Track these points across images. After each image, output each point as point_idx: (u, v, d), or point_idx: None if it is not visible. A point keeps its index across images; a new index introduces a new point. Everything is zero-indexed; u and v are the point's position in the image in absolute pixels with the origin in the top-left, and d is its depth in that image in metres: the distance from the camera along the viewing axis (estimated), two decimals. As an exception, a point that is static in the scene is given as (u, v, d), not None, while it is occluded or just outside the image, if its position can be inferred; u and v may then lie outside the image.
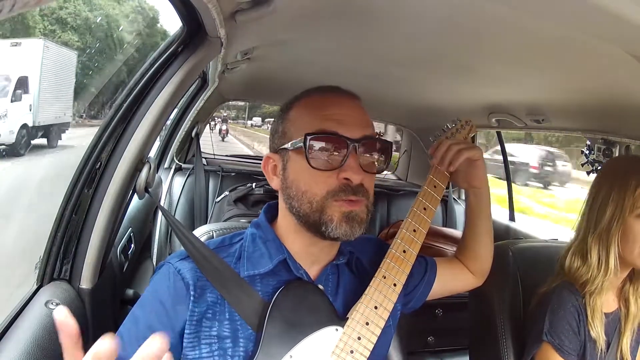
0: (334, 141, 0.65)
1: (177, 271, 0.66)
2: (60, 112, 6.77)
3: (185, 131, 2.08)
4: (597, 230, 0.89)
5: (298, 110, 0.69)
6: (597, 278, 0.87)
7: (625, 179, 0.87)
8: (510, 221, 2.09)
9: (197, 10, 0.68)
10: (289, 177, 0.68)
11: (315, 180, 0.65)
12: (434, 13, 0.75)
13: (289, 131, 0.68)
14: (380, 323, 0.68)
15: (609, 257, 0.87)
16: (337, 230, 0.64)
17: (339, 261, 0.73)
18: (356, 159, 0.65)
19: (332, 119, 0.66)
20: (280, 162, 0.69)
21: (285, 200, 0.69)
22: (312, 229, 0.66)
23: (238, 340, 0.65)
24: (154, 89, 0.82)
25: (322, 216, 0.65)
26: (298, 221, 0.68)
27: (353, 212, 0.65)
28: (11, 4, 0.26)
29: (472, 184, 0.84)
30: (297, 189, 0.66)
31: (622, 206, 0.86)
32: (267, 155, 0.72)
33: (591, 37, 0.66)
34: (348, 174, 0.64)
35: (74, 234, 0.84)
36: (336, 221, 0.64)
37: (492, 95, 1.35)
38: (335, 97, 0.69)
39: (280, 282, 0.68)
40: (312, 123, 0.66)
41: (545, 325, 0.89)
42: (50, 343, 0.71)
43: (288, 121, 0.69)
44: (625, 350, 0.90)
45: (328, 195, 0.64)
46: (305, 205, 0.65)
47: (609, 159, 1.25)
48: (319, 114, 0.66)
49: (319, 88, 0.71)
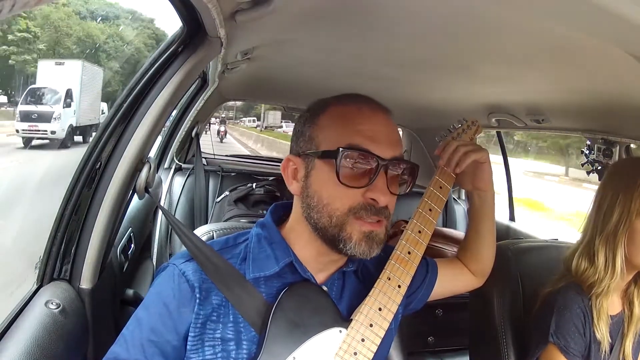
0: (365, 158, 0.63)
1: (182, 273, 0.66)
2: (92, 116, 9.42)
3: (185, 131, 2.08)
4: (604, 233, 0.89)
5: (330, 118, 0.67)
6: (604, 280, 0.87)
7: (631, 181, 0.86)
8: (510, 221, 2.09)
9: (197, 10, 0.68)
10: (312, 186, 0.66)
11: (340, 194, 0.63)
12: (434, 13, 0.75)
13: (317, 138, 0.66)
14: (384, 325, 0.67)
15: (615, 260, 0.87)
16: (355, 250, 0.64)
17: (348, 268, 0.72)
18: (384, 179, 0.64)
19: (365, 134, 0.64)
20: (303, 168, 0.67)
21: (303, 208, 0.67)
22: (329, 243, 0.65)
23: (241, 342, 0.64)
24: (154, 89, 0.82)
25: (341, 233, 0.64)
26: (314, 231, 0.66)
27: (373, 233, 0.64)
28: (11, 4, 0.26)
29: (478, 186, 0.83)
30: (319, 200, 0.65)
31: (629, 209, 0.86)
32: (288, 158, 0.69)
33: (591, 37, 0.66)
34: (376, 195, 0.63)
35: (74, 234, 0.84)
36: (355, 240, 0.63)
37: (492, 95, 1.35)
38: (370, 110, 0.67)
39: (284, 285, 0.67)
40: (345, 135, 0.64)
41: (552, 326, 0.88)
42: (50, 343, 0.71)
43: (317, 127, 0.67)
44: (628, 352, 0.89)
45: (350, 211, 0.63)
46: (324, 219, 0.64)
47: (615, 161, 1.25)
48: (352, 128, 0.64)
49: (353, 97, 0.68)
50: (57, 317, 0.75)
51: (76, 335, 0.79)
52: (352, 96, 0.69)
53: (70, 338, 0.76)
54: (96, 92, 10.34)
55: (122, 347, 0.63)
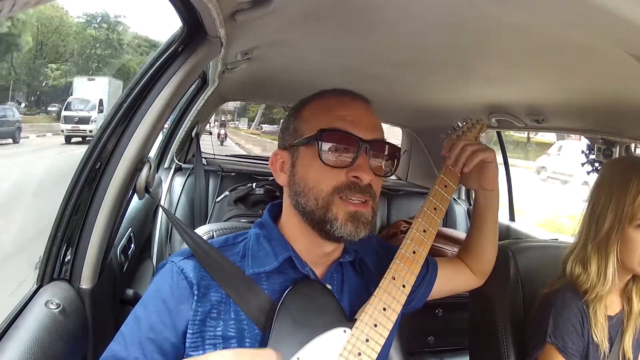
0: (346, 140, 0.65)
1: (180, 270, 0.66)
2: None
3: (185, 131, 2.08)
4: (596, 239, 0.88)
5: (311, 110, 0.70)
6: (596, 287, 0.87)
7: (624, 185, 0.85)
8: (510, 221, 2.09)
9: (197, 10, 0.68)
10: (298, 173, 0.68)
11: (324, 176, 0.65)
12: (434, 13, 0.75)
13: (301, 129, 0.69)
14: (388, 325, 0.67)
15: (607, 268, 0.86)
16: (342, 230, 0.65)
17: (345, 259, 0.73)
18: (366, 159, 0.66)
19: (345, 119, 0.66)
20: (289, 159, 0.70)
21: (291, 197, 0.69)
22: (317, 227, 0.66)
23: (244, 340, 0.64)
24: (154, 89, 0.82)
25: (327, 214, 0.65)
26: (303, 218, 0.68)
27: (358, 212, 0.65)
28: (11, 4, 0.26)
29: (483, 186, 0.83)
30: (305, 184, 0.67)
31: (622, 216, 0.85)
32: (276, 152, 0.72)
33: (591, 37, 0.66)
34: (358, 173, 0.65)
35: (74, 234, 0.84)
36: (341, 220, 0.64)
37: (492, 95, 1.35)
38: (348, 99, 0.70)
39: (287, 280, 0.67)
40: (326, 121, 0.66)
41: (549, 326, 0.88)
42: (50, 343, 0.71)
43: (301, 119, 0.70)
44: (628, 348, 0.89)
45: (334, 191, 0.65)
46: (311, 202, 0.66)
47: (608, 161, 1.24)
48: (333, 114, 0.67)
49: (333, 90, 0.71)
50: (57, 317, 0.75)
51: (76, 335, 0.79)
52: (333, 90, 0.72)
53: (70, 338, 0.76)
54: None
55: (121, 345, 0.63)
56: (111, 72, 15.01)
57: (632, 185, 0.84)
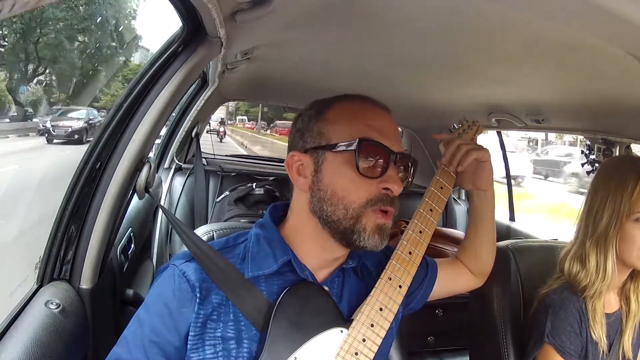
0: (380, 151, 0.65)
1: (182, 273, 0.66)
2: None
3: (185, 131, 2.08)
4: (594, 236, 0.88)
5: (339, 113, 0.68)
6: (596, 283, 0.87)
7: (621, 182, 0.86)
8: (510, 221, 2.09)
9: (197, 10, 0.68)
10: (323, 179, 0.66)
11: (356, 186, 0.64)
12: (434, 13, 0.75)
13: (327, 132, 0.67)
14: (385, 325, 0.67)
15: (606, 263, 0.87)
16: (369, 241, 0.65)
17: (348, 265, 0.72)
18: (396, 171, 0.66)
19: (376, 129, 0.66)
20: (311, 163, 0.67)
21: (313, 203, 0.67)
22: (339, 235, 0.66)
23: (242, 341, 0.64)
24: (154, 89, 0.82)
25: (356, 225, 0.64)
26: (324, 226, 0.66)
27: (385, 225, 0.66)
28: (11, 4, 0.26)
29: (478, 186, 0.83)
30: (333, 193, 0.65)
31: (619, 211, 0.85)
32: (293, 154, 0.69)
33: (591, 37, 0.66)
34: (390, 185, 0.65)
35: (74, 234, 0.84)
36: (369, 231, 0.64)
37: (492, 95, 1.35)
38: (373, 107, 0.70)
39: (286, 282, 0.67)
40: (357, 129, 0.66)
41: (547, 326, 0.88)
42: (50, 343, 0.71)
43: (326, 121, 0.68)
44: (627, 348, 0.90)
45: (367, 203, 0.64)
46: (340, 212, 0.65)
47: (604, 160, 1.24)
48: (363, 122, 0.67)
49: (357, 95, 0.71)
50: (57, 317, 0.75)
51: (76, 335, 0.79)
52: (353, 95, 0.71)
53: (70, 338, 0.76)
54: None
55: (124, 348, 0.63)
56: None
57: (630, 180, 0.85)
